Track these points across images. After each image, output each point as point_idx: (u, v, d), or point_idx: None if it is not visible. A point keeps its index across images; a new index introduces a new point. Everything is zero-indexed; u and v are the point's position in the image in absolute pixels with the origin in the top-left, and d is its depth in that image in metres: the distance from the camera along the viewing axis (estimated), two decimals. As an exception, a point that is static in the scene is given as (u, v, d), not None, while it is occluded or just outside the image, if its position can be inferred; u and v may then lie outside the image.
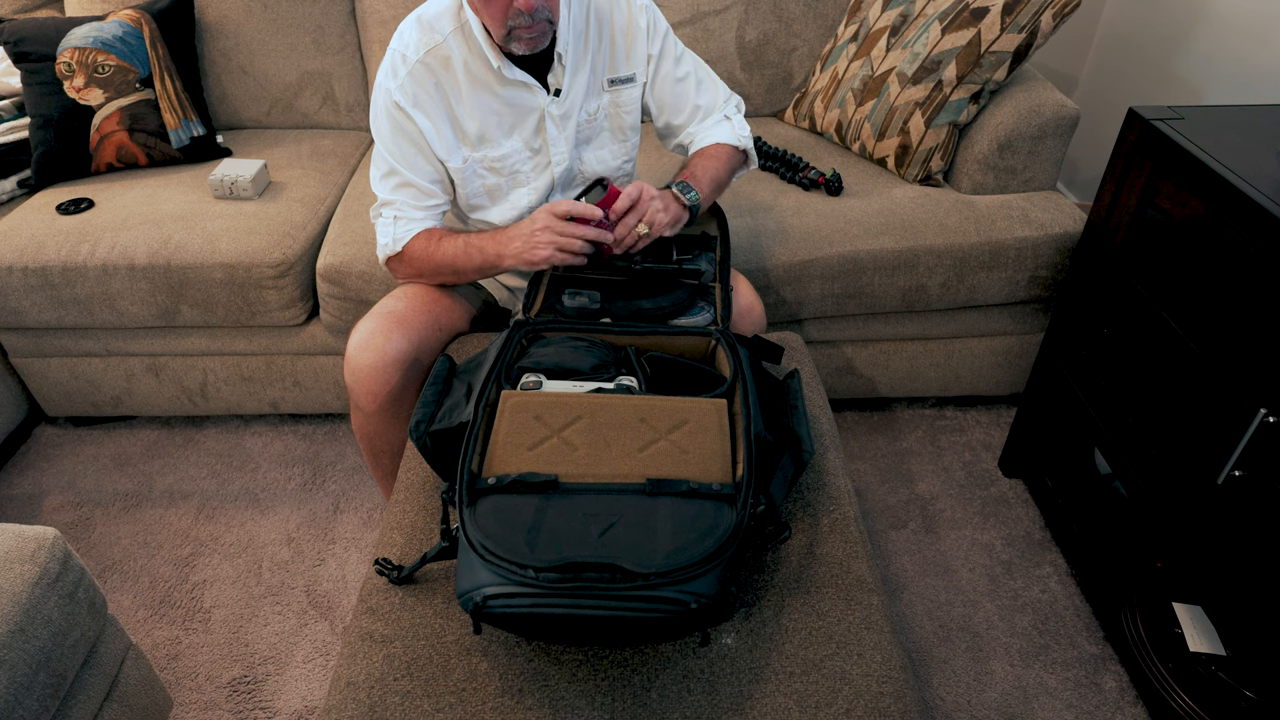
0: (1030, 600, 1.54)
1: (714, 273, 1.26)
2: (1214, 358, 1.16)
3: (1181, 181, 1.23)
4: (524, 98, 1.28)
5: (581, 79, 1.31)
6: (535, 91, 1.27)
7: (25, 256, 1.65)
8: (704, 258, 1.28)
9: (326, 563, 1.64)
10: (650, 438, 0.94)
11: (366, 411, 1.30)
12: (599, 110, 1.35)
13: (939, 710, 1.37)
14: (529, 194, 1.36)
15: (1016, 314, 1.80)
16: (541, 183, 1.35)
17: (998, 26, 1.64)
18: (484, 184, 1.33)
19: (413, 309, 1.31)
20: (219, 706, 1.40)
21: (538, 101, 1.28)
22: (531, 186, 1.35)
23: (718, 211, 1.36)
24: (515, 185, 1.35)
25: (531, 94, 1.27)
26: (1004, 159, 1.72)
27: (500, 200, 1.36)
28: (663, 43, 1.35)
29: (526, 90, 1.27)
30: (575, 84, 1.30)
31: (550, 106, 1.29)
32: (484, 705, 0.84)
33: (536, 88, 1.27)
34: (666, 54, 1.36)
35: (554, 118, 1.30)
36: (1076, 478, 1.60)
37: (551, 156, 1.33)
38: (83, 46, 1.81)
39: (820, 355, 1.83)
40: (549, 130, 1.31)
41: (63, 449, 1.91)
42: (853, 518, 1.04)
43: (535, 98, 1.28)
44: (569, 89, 1.30)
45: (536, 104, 1.28)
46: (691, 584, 0.80)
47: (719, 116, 1.42)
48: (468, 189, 1.33)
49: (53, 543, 1.03)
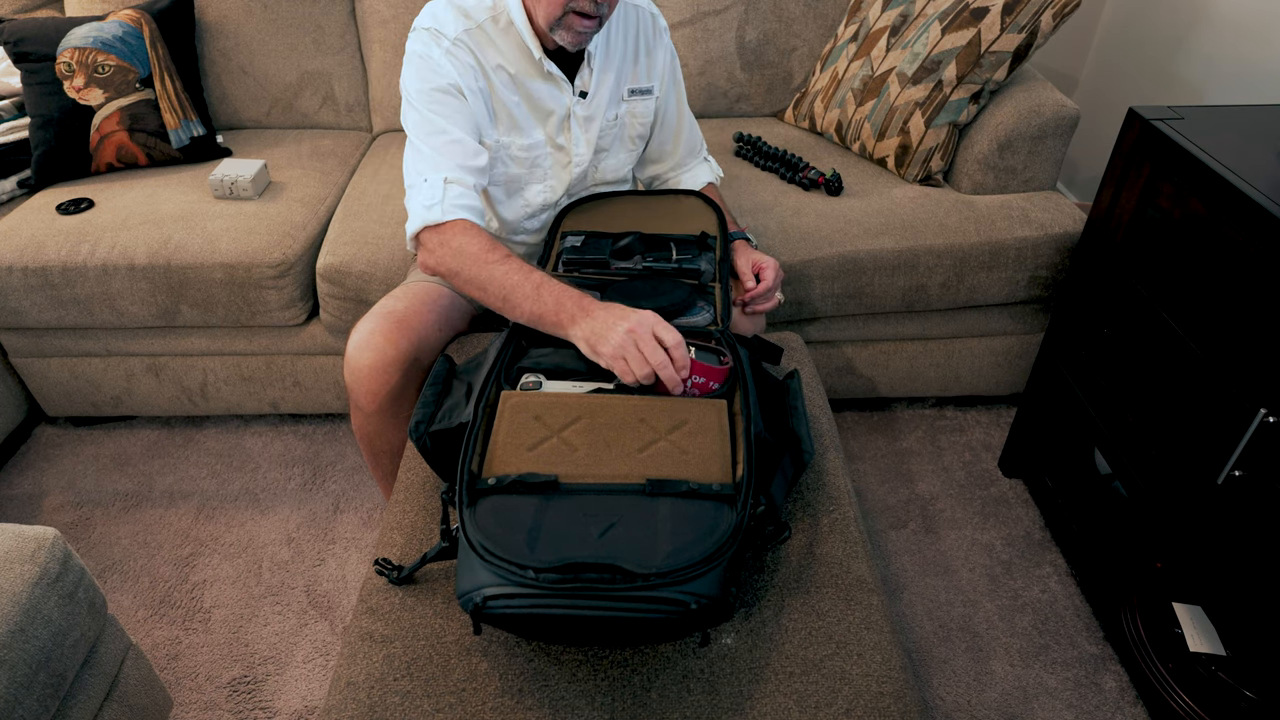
0: (1030, 600, 1.54)
1: (714, 273, 1.26)
2: (1214, 358, 1.16)
3: (1181, 181, 1.23)
4: (552, 95, 1.29)
5: (607, 84, 1.33)
6: (564, 90, 1.29)
7: (25, 256, 1.65)
8: (704, 258, 1.28)
9: (326, 563, 1.64)
10: (650, 438, 0.94)
11: (366, 412, 1.29)
12: (618, 119, 1.38)
13: (939, 710, 1.37)
14: (544, 191, 1.36)
15: (1016, 314, 1.80)
16: (559, 181, 1.36)
17: (998, 26, 1.64)
18: (506, 172, 1.33)
19: (413, 309, 1.30)
20: (219, 706, 1.40)
21: (564, 100, 1.30)
22: (548, 184, 1.36)
23: (717, 211, 1.36)
24: (533, 180, 1.35)
25: (560, 92, 1.29)
26: (1004, 159, 1.72)
27: (515, 194, 1.37)
28: (674, 67, 1.43)
29: (556, 88, 1.28)
30: (601, 88, 1.32)
31: (576, 107, 1.30)
32: (484, 705, 0.84)
33: (566, 86, 1.29)
34: (679, 80, 1.44)
35: (579, 118, 1.32)
36: (1076, 478, 1.60)
37: (573, 156, 1.34)
38: (83, 46, 1.81)
39: (820, 355, 1.83)
40: (573, 130, 1.32)
41: (63, 449, 1.91)
42: (853, 518, 1.04)
43: (563, 96, 1.29)
44: (595, 92, 1.32)
45: (563, 103, 1.30)
46: (691, 584, 0.79)
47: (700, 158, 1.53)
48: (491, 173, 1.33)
49: (53, 543, 1.03)
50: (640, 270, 1.24)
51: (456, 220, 1.17)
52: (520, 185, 1.36)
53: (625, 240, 1.28)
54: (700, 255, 1.29)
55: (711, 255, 1.30)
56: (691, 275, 1.25)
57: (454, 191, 1.17)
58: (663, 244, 1.29)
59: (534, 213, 1.39)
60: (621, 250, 1.26)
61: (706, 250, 1.31)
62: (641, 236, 1.29)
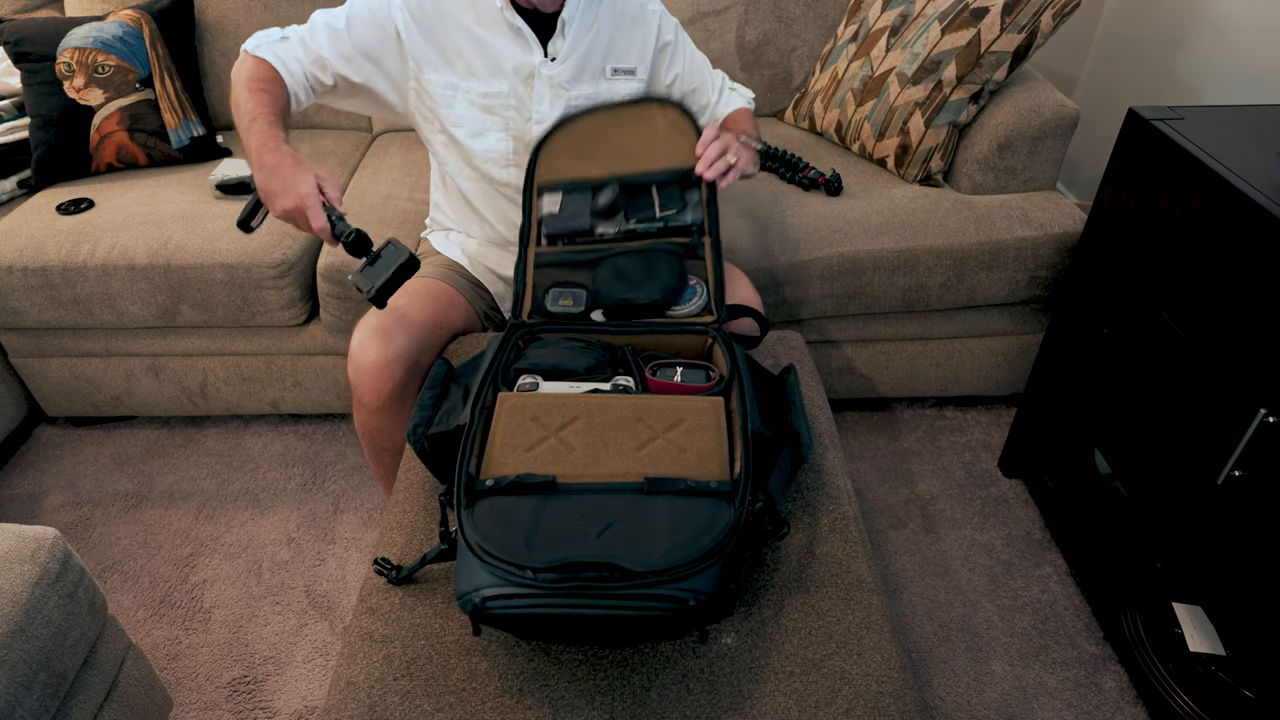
0: (1030, 600, 1.54)
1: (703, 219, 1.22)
2: (1214, 358, 1.16)
3: (1181, 182, 1.22)
4: (517, 53, 1.30)
5: (579, 53, 1.33)
6: (532, 49, 1.30)
7: (25, 256, 1.66)
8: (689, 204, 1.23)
9: (326, 563, 1.64)
10: (647, 437, 0.94)
11: (370, 409, 1.30)
12: (597, 97, 1.37)
13: (939, 710, 1.37)
14: (505, 140, 1.36)
15: (1016, 314, 1.80)
16: (521, 133, 1.36)
17: (998, 26, 1.64)
18: (466, 114, 1.34)
19: (414, 308, 1.31)
20: (219, 706, 1.40)
21: (531, 60, 1.31)
22: (513, 134, 1.36)
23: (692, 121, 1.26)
24: (493, 127, 1.35)
25: (528, 49, 1.30)
26: (1004, 159, 1.72)
27: (478, 136, 1.36)
28: (676, 34, 1.44)
29: (523, 43, 1.30)
30: (572, 56, 1.33)
31: (542, 67, 1.31)
32: (484, 705, 0.84)
33: (534, 45, 1.30)
34: (683, 43, 1.45)
35: (543, 78, 1.32)
36: (1076, 478, 1.60)
37: (532, 114, 1.34)
38: (83, 46, 1.82)
39: (820, 355, 1.83)
40: (537, 88, 1.33)
41: (63, 449, 1.91)
42: (853, 517, 1.04)
43: (530, 56, 1.31)
44: (565, 58, 1.32)
45: (530, 62, 1.31)
46: (690, 581, 0.80)
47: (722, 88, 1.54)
48: (450, 113, 1.33)
49: (53, 543, 1.03)
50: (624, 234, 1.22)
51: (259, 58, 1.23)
52: (481, 129, 1.35)
53: (606, 194, 1.23)
54: (686, 202, 1.23)
55: (696, 195, 1.24)
56: (681, 232, 1.22)
57: (283, 47, 1.24)
58: (644, 190, 1.24)
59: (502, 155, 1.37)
60: (605, 210, 1.23)
61: (690, 188, 1.24)
62: (622, 186, 1.24)
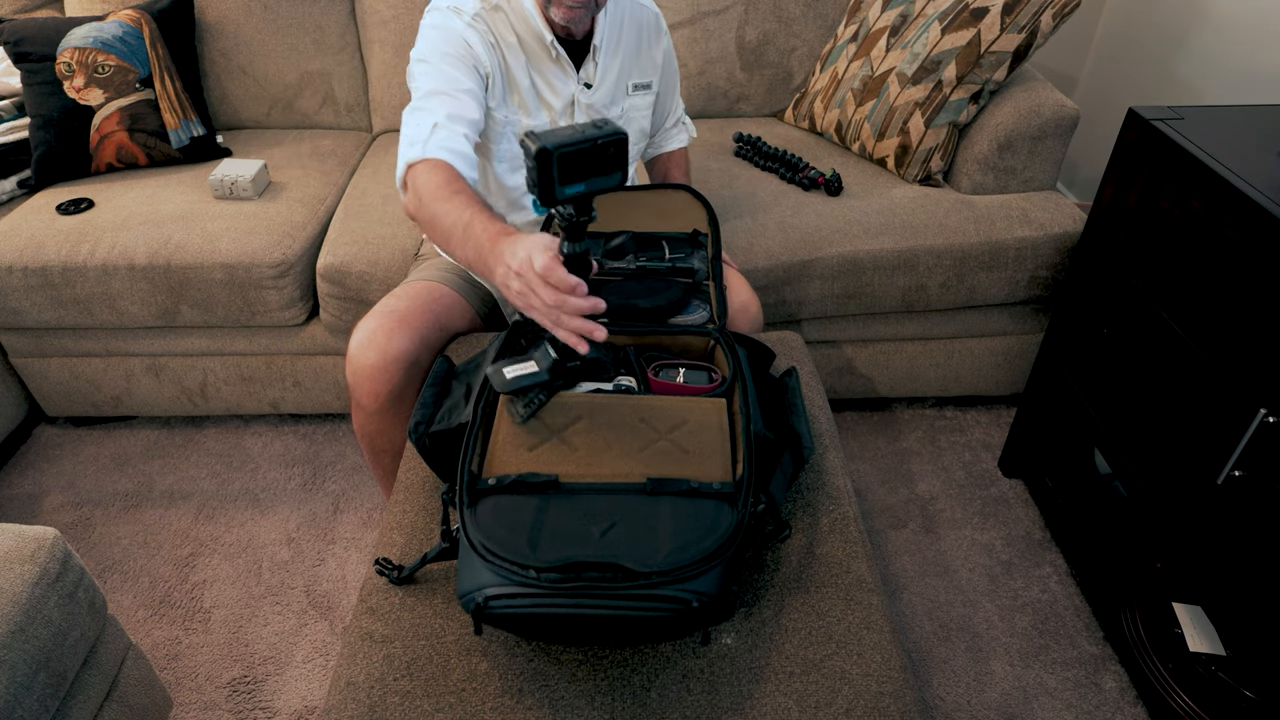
0: (1030, 600, 1.54)
1: (707, 270, 1.27)
2: (1214, 358, 1.17)
3: (1181, 182, 1.23)
4: (560, 81, 1.32)
5: (611, 77, 1.36)
6: (570, 76, 1.32)
7: (25, 256, 1.65)
8: (696, 255, 1.28)
9: (326, 563, 1.64)
10: (650, 437, 0.94)
11: (368, 410, 1.29)
12: (623, 114, 1.40)
13: (939, 710, 1.37)
14: None
15: (1016, 314, 1.80)
16: None
17: (998, 26, 1.64)
18: (511, 149, 1.36)
19: (414, 308, 1.31)
20: (219, 706, 1.40)
21: (569, 88, 1.33)
22: None
23: (708, 208, 1.36)
24: None
25: (566, 79, 1.32)
26: (1004, 159, 1.72)
27: (518, 169, 1.38)
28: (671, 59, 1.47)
29: (564, 72, 1.32)
30: (605, 80, 1.35)
31: (580, 95, 1.33)
32: (484, 705, 0.84)
33: (572, 71, 1.32)
34: (671, 64, 1.47)
35: (583, 106, 1.35)
36: (1076, 478, 1.60)
37: None
38: (83, 46, 1.81)
39: (820, 355, 1.83)
40: (577, 117, 1.35)
41: (63, 449, 1.91)
42: (853, 518, 1.04)
43: (568, 84, 1.33)
44: (599, 83, 1.35)
45: (568, 90, 1.33)
46: (693, 582, 0.80)
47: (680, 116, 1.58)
48: (498, 148, 1.35)
49: (53, 543, 1.03)
50: (635, 270, 1.24)
51: (434, 159, 1.12)
52: (520, 165, 1.37)
53: (618, 239, 1.28)
54: (693, 253, 1.29)
55: (704, 253, 1.30)
56: (685, 274, 1.25)
57: (442, 134, 1.14)
58: (655, 243, 1.30)
59: None
60: (614, 250, 1.27)
61: (699, 248, 1.31)
62: (634, 235, 1.29)
